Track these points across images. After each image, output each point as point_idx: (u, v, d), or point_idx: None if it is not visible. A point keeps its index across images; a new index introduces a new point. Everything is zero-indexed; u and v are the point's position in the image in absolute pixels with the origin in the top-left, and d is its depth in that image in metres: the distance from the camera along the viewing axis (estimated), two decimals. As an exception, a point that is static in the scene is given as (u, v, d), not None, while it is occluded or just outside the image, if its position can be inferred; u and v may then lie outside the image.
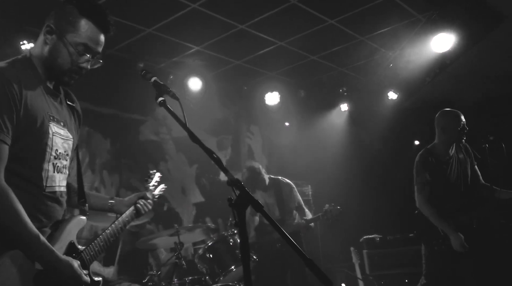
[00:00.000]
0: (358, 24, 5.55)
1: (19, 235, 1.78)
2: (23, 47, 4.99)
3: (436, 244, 3.97)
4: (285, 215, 5.17)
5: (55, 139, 1.97)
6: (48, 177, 1.95)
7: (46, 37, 1.96)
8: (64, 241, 2.00)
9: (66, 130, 2.07)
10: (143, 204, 2.45)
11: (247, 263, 1.64)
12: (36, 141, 1.90)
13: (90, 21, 1.97)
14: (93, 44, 2.00)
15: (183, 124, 1.93)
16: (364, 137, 7.76)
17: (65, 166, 2.07)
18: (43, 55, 1.98)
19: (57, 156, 1.99)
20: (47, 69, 1.99)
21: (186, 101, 6.05)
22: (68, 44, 1.94)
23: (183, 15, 5.04)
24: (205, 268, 4.29)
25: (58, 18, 1.97)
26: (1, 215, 1.75)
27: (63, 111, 2.09)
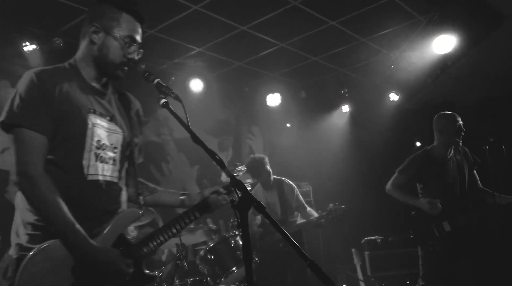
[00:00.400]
0: (360, 25, 5.55)
1: (54, 223, 1.84)
2: (25, 48, 5.01)
3: (431, 245, 4.01)
4: (287, 215, 5.17)
5: (96, 130, 2.03)
6: (89, 165, 1.99)
7: (93, 37, 2.06)
8: (112, 233, 2.00)
9: (113, 123, 2.13)
10: (215, 199, 2.32)
11: (249, 264, 1.64)
12: (74, 131, 1.97)
13: (128, 14, 2.09)
14: (136, 35, 2.12)
15: (186, 125, 1.95)
16: (365, 138, 7.75)
17: (112, 158, 2.09)
18: (92, 55, 2.08)
19: (99, 147, 2.04)
20: (97, 67, 2.10)
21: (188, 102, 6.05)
22: (117, 38, 2.05)
23: (185, 16, 5.05)
24: (207, 269, 4.29)
25: (100, 17, 2.07)
26: (38, 203, 1.86)
27: (111, 107, 2.17)
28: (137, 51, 2.13)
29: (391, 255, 5.91)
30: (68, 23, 5.04)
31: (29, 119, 1.88)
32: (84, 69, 2.10)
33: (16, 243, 1.91)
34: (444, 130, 4.16)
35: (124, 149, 2.17)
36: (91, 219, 1.95)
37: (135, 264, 2.01)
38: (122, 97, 2.28)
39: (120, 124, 2.16)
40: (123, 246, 2.01)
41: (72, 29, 5.12)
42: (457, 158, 4.23)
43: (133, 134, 2.25)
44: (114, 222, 2.03)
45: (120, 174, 2.15)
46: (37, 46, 5.04)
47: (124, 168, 2.20)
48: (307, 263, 1.59)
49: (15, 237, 1.93)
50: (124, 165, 2.20)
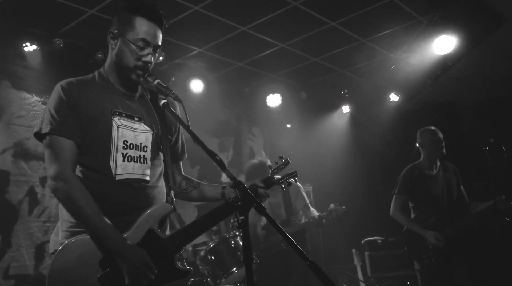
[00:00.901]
0: (360, 26, 5.55)
1: (86, 221, 1.94)
2: (25, 49, 5.02)
3: (427, 258, 4.12)
4: (291, 215, 5.17)
5: (123, 132, 2.10)
6: (117, 166, 2.07)
7: (110, 43, 2.16)
8: (142, 228, 2.04)
9: (142, 123, 2.18)
10: (252, 190, 2.27)
11: (250, 265, 1.64)
12: (100, 134, 2.07)
13: (143, 17, 2.13)
14: (151, 38, 2.14)
15: (186, 126, 1.96)
16: (365, 139, 7.75)
17: (142, 157, 2.15)
18: (112, 61, 2.19)
19: (127, 147, 2.10)
20: (117, 72, 2.19)
21: (188, 102, 6.06)
22: (129, 43, 2.10)
23: (185, 17, 5.05)
24: (207, 270, 4.28)
25: (116, 23, 2.16)
26: (70, 204, 1.98)
27: (140, 107, 2.22)
28: (151, 53, 2.15)
29: (392, 255, 5.91)
30: (68, 23, 5.04)
31: (57, 127, 2.02)
32: (110, 75, 2.21)
33: (53, 240, 2.08)
34: (425, 145, 4.44)
35: (155, 148, 2.21)
36: (121, 215, 2.03)
37: (165, 259, 2.04)
38: (154, 97, 2.30)
39: (149, 124, 2.21)
40: (152, 240, 2.04)
41: (72, 30, 5.13)
42: (445, 174, 4.44)
43: (165, 133, 2.27)
44: (144, 217, 2.07)
45: (153, 171, 2.17)
46: (37, 46, 5.04)
47: (158, 165, 2.22)
48: (307, 264, 1.59)
49: (55, 236, 2.09)
50: (158, 162, 2.23)
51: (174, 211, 2.17)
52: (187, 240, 2.14)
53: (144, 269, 1.93)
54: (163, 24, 2.22)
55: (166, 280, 2.03)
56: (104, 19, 4.90)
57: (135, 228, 2.03)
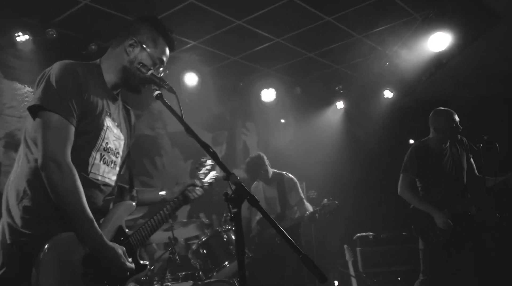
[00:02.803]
0: (355, 22, 5.54)
1: (76, 214, 1.89)
2: (18, 38, 4.96)
3: (435, 236, 4.00)
4: (286, 210, 5.19)
5: (108, 133, 2.14)
6: (94, 164, 2.08)
7: (128, 49, 2.20)
8: (112, 226, 2.12)
9: (120, 130, 2.26)
10: (191, 190, 2.58)
11: (242, 259, 1.64)
12: (92, 130, 2.07)
13: (164, 40, 2.27)
14: (165, 58, 2.29)
15: (180, 117, 1.95)
16: (359, 135, 7.77)
17: (114, 162, 2.22)
18: (121, 65, 2.21)
19: (106, 149, 2.14)
20: (121, 77, 2.23)
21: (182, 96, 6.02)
22: (151, 57, 2.22)
23: (180, 9, 5.02)
24: (199, 263, 4.28)
25: (140, 34, 2.23)
26: (64, 192, 1.88)
27: (119, 114, 2.31)
28: (160, 72, 2.27)
29: (383, 251, 5.94)
30: (62, 14, 4.99)
31: (65, 108, 1.94)
32: (107, 74, 2.21)
33: (8, 223, 1.90)
34: (439, 128, 4.19)
35: (123, 155, 2.32)
36: (94, 213, 2.00)
37: (132, 254, 2.13)
38: (125, 108, 2.41)
39: (124, 132, 2.30)
40: (122, 237, 2.13)
41: (66, 20, 5.07)
42: (453, 149, 4.27)
43: (129, 143, 2.40)
44: (111, 216, 2.14)
45: (117, 178, 2.27)
46: (30, 36, 4.98)
47: (120, 173, 2.32)
48: (300, 257, 1.58)
49: (7, 216, 1.93)
50: (121, 170, 2.34)
51: (135, 209, 2.30)
52: (147, 235, 2.30)
53: (125, 265, 1.98)
54: (174, 50, 2.36)
55: (132, 275, 2.10)
56: (98, 10, 4.85)
57: (106, 227, 2.08)
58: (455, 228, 3.97)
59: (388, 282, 5.79)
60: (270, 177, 5.28)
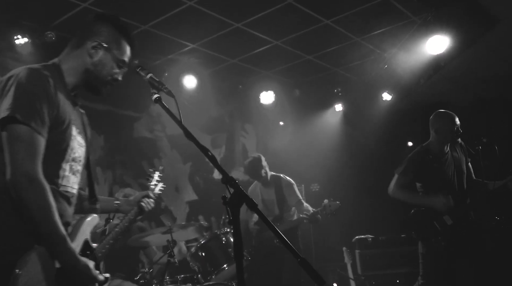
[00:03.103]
0: (354, 24, 5.56)
1: (49, 231, 1.81)
2: (17, 41, 4.96)
3: (436, 241, 3.98)
4: (284, 212, 5.19)
5: (74, 143, 2.08)
6: (64, 176, 2.03)
7: (91, 51, 2.13)
8: (79, 240, 2.08)
9: (81, 137, 2.18)
10: (146, 202, 2.60)
11: (241, 262, 1.64)
12: (61, 141, 2.00)
13: (126, 41, 2.24)
14: (128, 59, 2.27)
15: (178, 121, 1.94)
16: (358, 138, 7.78)
17: (78, 171, 2.17)
18: (84, 67, 2.14)
19: (74, 159, 2.09)
20: (83, 79, 2.16)
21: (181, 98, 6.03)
22: (115, 59, 2.18)
23: (179, 12, 5.03)
24: (197, 266, 4.28)
25: (102, 35, 2.16)
26: (36, 209, 1.79)
27: (79, 120, 2.22)
28: (122, 74, 2.25)
29: (382, 254, 5.93)
30: (61, 16, 4.99)
31: (36, 120, 1.83)
32: (69, 77, 2.12)
33: None
34: (440, 130, 4.17)
35: (84, 162, 2.24)
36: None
37: (97, 267, 2.10)
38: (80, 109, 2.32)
39: (84, 138, 2.22)
40: (88, 250, 2.10)
41: (65, 23, 5.08)
42: (453, 154, 4.26)
43: (88, 147, 2.29)
44: (78, 229, 2.10)
45: (78, 186, 2.22)
46: (29, 39, 4.99)
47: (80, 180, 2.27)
48: (298, 260, 1.59)
49: None
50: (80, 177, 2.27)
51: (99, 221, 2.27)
52: (110, 248, 2.29)
53: (95, 281, 1.97)
54: (135, 50, 2.31)
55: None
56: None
57: (75, 241, 2.04)
58: (456, 233, 3.96)
59: (387, 285, 5.79)
60: (268, 180, 5.29)
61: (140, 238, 4.25)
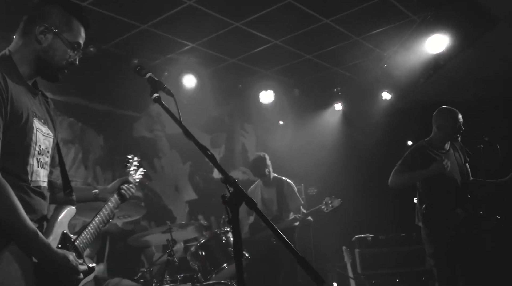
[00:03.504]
0: (353, 24, 5.56)
1: (17, 230, 1.79)
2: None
3: (450, 236, 3.92)
4: (283, 211, 5.21)
5: (38, 135, 2.01)
6: (33, 171, 1.98)
7: (40, 37, 2.02)
8: (56, 233, 2.05)
9: (47, 127, 2.10)
10: (127, 189, 2.53)
11: (240, 261, 1.64)
12: (22, 136, 1.92)
13: (77, 20, 2.12)
14: (82, 41, 2.15)
15: (178, 120, 1.94)
16: (357, 137, 7.78)
17: (46, 163, 2.10)
18: (34, 54, 2.04)
19: (40, 152, 2.02)
20: (36, 67, 2.05)
21: (180, 98, 6.04)
22: (67, 43, 2.07)
23: (179, 11, 5.02)
24: (197, 265, 4.28)
25: (50, 18, 2.04)
26: (0, 210, 1.77)
27: (42, 109, 2.14)
28: (78, 57, 2.16)
29: (382, 253, 5.94)
30: (60, 16, 4.99)
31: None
32: (21, 67, 2.02)
33: None
34: (442, 126, 4.16)
35: (52, 153, 2.17)
36: (34, 222, 1.92)
37: (80, 258, 2.08)
38: (43, 96, 2.22)
39: (50, 128, 2.14)
40: (68, 243, 2.06)
41: (64, 23, 5.08)
42: (455, 153, 4.26)
43: (56, 135, 2.23)
44: (54, 222, 2.07)
45: (48, 178, 2.15)
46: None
47: (51, 171, 2.21)
48: (297, 260, 1.58)
49: None
50: (52, 168, 2.21)
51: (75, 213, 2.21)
52: (91, 238, 2.24)
53: (76, 271, 1.94)
54: (89, 28, 2.19)
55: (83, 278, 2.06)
56: (96, 12, 4.85)
57: (52, 234, 2.02)
58: (467, 228, 3.94)
59: (387, 284, 5.79)
60: (270, 180, 5.31)
61: (140, 238, 4.26)
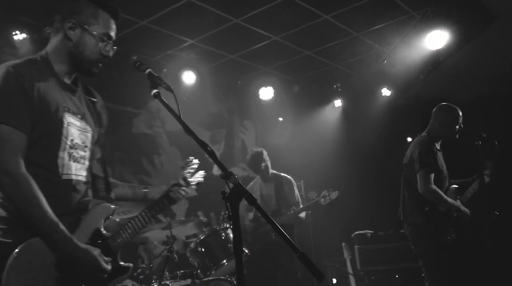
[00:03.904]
0: (353, 20, 5.54)
1: (38, 222, 1.84)
2: (15, 37, 4.95)
3: (447, 234, 3.91)
4: (282, 207, 5.23)
5: (71, 130, 2.05)
6: (64, 164, 2.02)
7: (69, 33, 2.06)
8: (88, 228, 2.05)
9: (84, 122, 2.15)
10: (176, 191, 2.46)
11: (240, 257, 1.64)
12: (52, 130, 1.98)
13: (105, 12, 2.11)
14: (112, 32, 2.14)
15: (177, 116, 1.94)
16: (357, 133, 7.78)
17: (83, 157, 2.13)
18: (66, 51, 2.08)
19: (72, 146, 2.06)
20: (71, 63, 2.11)
21: (180, 94, 6.03)
22: (95, 35, 2.07)
23: (178, 7, 5.01)
24: (197, 261, 4.29)
25: (77, 13, 2.08)
26: (22, 203, 1.83)
27: (82, 105, 2.18)
28: (111, 48, 2.15)
29: (381, 249, 5.95)
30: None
31: (10, 116, 1.86)
32: (56, 64, 2.09)
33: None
34: (444, 124, 4.09)
35: (92, 147, 2.21)
36: (64, 215, 1.95)
37: (111, 257, 2.07)
38: (88, 93, 2.28)
39: (89, 122, 2.19)
40: (99, 240, 2.06)
41: (63, 19, 5.06)
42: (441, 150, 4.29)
43: (99, 131, 2.28)
44: (88, 218, 2.08)
45: (88, 172, 2.18)
46: (27, 35, 4.97)
47: (91, 166, 2.23)
48: (297, 255, 1.59)
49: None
50: (92, 163, 2.24)
51: (115, 210, 2.20)
52: (128, 238, 2.20)
53: (98, 268, 1.93)
54: (119, 19, 2.19)
55: (113, 277, 2.06)
56: (96, 9, 4.84)
57: (81, 229, 2.03)
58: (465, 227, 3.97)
59: (386, 280, 5.80)
60: (269, 175, 5.32)
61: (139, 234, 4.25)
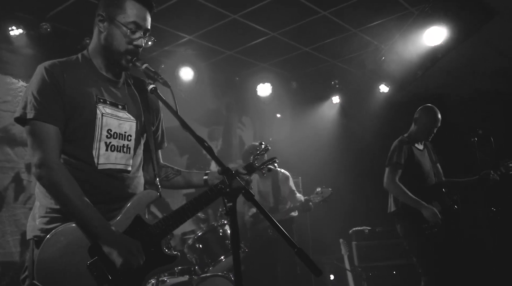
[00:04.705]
0: (351, 16, 5.53)
1: (73, 210, 1.91)
2: (11, 33, 4.92)
3: (428, 227, 4.01)
4: (279, 203, 5.23)
5: (107, 120, 2.07)
6: (99, 155, 2.04)
7: (99, 26, 2.10)
8: (128, 215, 2.06)
9: (126, 112, 2.15)
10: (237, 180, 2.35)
11: (238, 253, 1.64)
12: (84, 121, 2.03)
13: (134, 0, 2.09)
14: (141, 21, 2.11)
15: (174, 111, 1.94)
16: (355, 130, 7.78)
17: (126, 146, 2.12)
18: (100, 45, 2.12)
19: (110, 136, 2.07)
20: (105, 57, 2.13)
21: (178, 90, 6.01)
22: (120, 25, 2.06)
23: (176, 3, 4.99)
24: (195, 258, 4.29)
25: (105, 5, 2.10)
26: (55, 192, 1.92)
27: (124, 95, 2.19)
28: (143, 37, 2.12)
29: (379, 245, 5.96)
30: (56, 8, 4.95)
31: (42, 112, 1.95)
32: (95, 59, 2.15)
33: (30, 225, 2.01)
34: (428, 124, 4.32)
35: (138, 137, 2.20)
36: (103, 204, 2.00)
37: (153, 245, 2.06)
38: (138, 84, 2.29)
39: (133, 112, 2.18)
40: (139, 227, 2.06)
41: (60, 15, 5.03)
42: (428, 151, 4.45)
43: (148, 121, 2.26)
44: (130, 205, 2.08)
45: (135, 161, 2.17)
46: (24, 30, 4.95)
47: (139, 155, 2.22)
48: (295, 251, 1.59)
49: (32, 221, 2.02)
50: (139, 152, 2.23)
51: (159, 198, 2.18)
52: (173, 226, 2.14)
53: (132, 255, 1.93)
54: (153, 7, 2.19)
55: (154, 266, 2.06)
56: (93, 4, 4.79)
57: (122, 216, 2.04)
58: (444, 221, 4.03)
59: (384, 276, 5.82)
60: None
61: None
